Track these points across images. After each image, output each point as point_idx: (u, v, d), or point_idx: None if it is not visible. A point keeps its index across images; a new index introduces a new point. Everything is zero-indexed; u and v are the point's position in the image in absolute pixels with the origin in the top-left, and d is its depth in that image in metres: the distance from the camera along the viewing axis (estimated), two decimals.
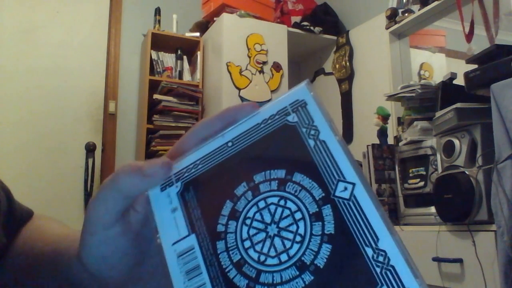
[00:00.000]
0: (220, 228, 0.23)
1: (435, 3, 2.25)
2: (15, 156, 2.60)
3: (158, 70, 2.83)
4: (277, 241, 0.22)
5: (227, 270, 0.22)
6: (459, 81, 1.69)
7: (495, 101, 1.31)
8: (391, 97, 2.11)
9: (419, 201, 1.79)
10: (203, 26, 2.99)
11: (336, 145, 0.22)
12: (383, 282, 0.19)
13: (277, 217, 0.23)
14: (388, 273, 0.19)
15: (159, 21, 2.92)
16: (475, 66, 1.53)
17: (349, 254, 0.20)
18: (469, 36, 1.99)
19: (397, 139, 2.10)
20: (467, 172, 1.46)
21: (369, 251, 0.20)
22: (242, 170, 0.24)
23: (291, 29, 2.95)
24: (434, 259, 1.50)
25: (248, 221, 0.23)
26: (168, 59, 2.89)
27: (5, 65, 2.67)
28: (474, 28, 1.99)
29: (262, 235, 0.22)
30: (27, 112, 2.68)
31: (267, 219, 0.23)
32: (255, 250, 0.22)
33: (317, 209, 0.22)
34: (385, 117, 2.28)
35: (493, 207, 1.29)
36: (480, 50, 1.58)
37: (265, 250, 0.22)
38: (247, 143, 0.25)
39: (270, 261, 0.22)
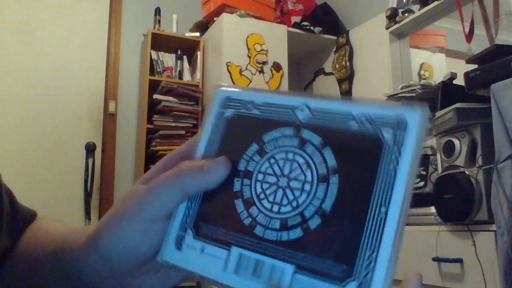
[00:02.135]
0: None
1: (435, 3, 2.25)
2: (15, 156, 2.60)
3: (158, 70, 2.83)
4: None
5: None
6: (459, 81, 1.69)
7: (495, 101, 1.31)
8: (391, 97, 2.11)
9: (419, 201, 1.79)
10: (203, 26, 2.99)
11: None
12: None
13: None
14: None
15: (159, 21, 2.92)
16: (475, 66, 1.53)
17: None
18: (469, 36, 1.99)
19: None
20: (467, 172, 1.46)
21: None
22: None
23: (291, 29, 2.95)
24: (434, 259, 1.50)
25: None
26: (168, 59, 2.89)
27: (5, 65, 2.67)
28: (474, 28, 1.99)
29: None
30: (27, 112, 2.68)
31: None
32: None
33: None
34: None
35: (493, 207, 1.29)
36: (480, 50, 1.58)
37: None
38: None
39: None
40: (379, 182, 0.22)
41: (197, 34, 2.95)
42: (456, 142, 1.55)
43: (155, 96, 2.67)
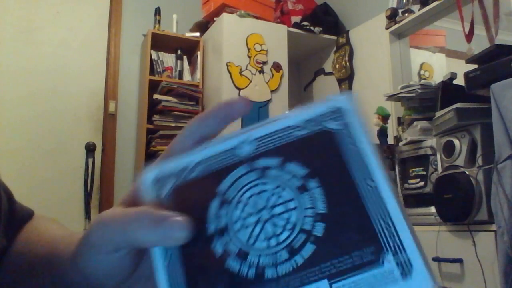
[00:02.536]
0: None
1: (435, 3, 2.25)
2: (15, 156, 2.60)
3: (158, 70, 2.83)
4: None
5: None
6: (459, 81, 1.69)
7: (495, 101, 1.31)
8: (391, 97, 2.11)
9: (419, 201, 1.79)
10: (203, 26, 2.99)
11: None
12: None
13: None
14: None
15: (159, 21, 2.92)
16: (475, 66, 1.53)
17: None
18: (469, 36, 1.99)
19: (397, 139, 2.10)
20: (467, 172, 1.46)
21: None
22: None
23: (291, 29, 2.95)
24: (434, 259, 1.50)
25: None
26: (168, 59, 2.89)
27: (5, 65, 2.68)
28: (474, 28, 1.99)
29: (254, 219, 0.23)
30: (27, 112, 2.68)
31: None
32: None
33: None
34: (385, 117, 2.28)
35: (493, 207, 1.29)
36: (480, 50, 1.58)
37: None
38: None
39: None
40: (351, 163, 0.22)
41: (197, 34, 2.95)
42: (456, 142, 1.55)
43: (155, 96, 2.67)
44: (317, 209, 0.22)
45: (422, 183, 1.78)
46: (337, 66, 3.05)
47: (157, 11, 2.95)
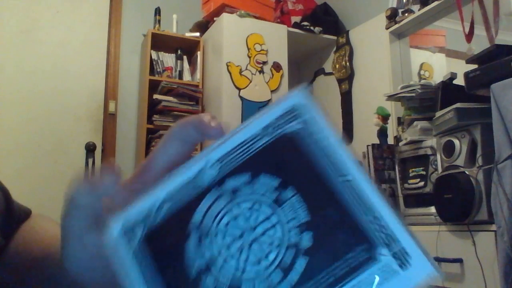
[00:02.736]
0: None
1: (435, 3, 2.25)
2: (15, 156, 2.60)
3: (158, 70, 2.83)
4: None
5: None
6: (459, 81, 1.69)
7: (495, 101, 1.31)
8: (391, 97, 2.11)
9: (419, 201, 1.79)
10: (203, 26, 2.99)
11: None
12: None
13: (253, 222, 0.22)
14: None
15: (159, 21, 2.92)
16: (475, 66, 1.53)
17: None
18: (469, 36, 1.99)
19: (397, 139, 2.10)
20: (467, 172, 1.46)
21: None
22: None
23: (291, 29, 2.95)
24: (434, 259, 1.49)
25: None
26: (168, 59, 2.89)
27: (5, 65, 2.68)
28: (474, 28, 1.99)
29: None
30: (27, 112, 2.68)
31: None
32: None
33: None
34: (385, 117, 2.28)
35: (493, 207, 1.29)
36: (480, 50, 1.58)
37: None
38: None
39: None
40: (321, 162, 0.22)
41: (197, 34, 2.95)
42: (456, 142, 1.55)
43: (155, 96, 2.67)
44: (300, 219, 0.21)
45: (422, 183, 1.78)
46: (337, 66, 3.05)
47: (157, 11, 2.95)
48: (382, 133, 2.24)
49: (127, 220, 0.24)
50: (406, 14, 2.46)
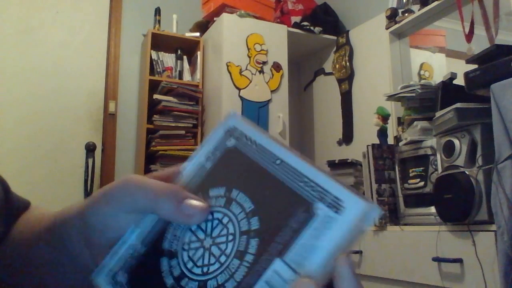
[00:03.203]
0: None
1: (435, 3, 2.25)
2: (15, 156, 2.60)
3: (158, 70, 2.83)
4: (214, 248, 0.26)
5: None
6: (459, 81, 1.69)
7: (495, 101, 1.31)
8: (391, 97, 2.11)
9: (419, 201, 1.79)
10: (203, 26, 2.99)
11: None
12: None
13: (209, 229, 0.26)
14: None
15: (159, 21, 2.92)
16: (475, 66, 1.52)
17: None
18: (469, 36, 1.99)
19: (397, 139, 2.10)
20: (467, 172, 1.46)
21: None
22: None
23: (291, 29, 2.95)
24: (434, 259, 1.50)
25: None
26: (168, 59, 2.89)
27: (5, 65, 2.67)
28: (474, 28, 1.99)
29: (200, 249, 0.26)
30: (27, 112, 2.68)
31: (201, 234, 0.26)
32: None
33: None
34: (385, 117, 2.28)
35: (493, 207, 1.29)
36: (480, 50, 1.58)
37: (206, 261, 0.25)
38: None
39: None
40: (258, 158, 0.26)
41: (197, 34, 2.95)
42: (456, 142, 1.55)
43: (155, 96, 2.67)
44: (246, 209, 0.25)
45: (422, 183, 1.78)
46: (337, 66, 3.05)
47: (157, 11, 2.94)
48: (382, 133, 2.23)
49: (109, 272, 0.28)
50: (406, 14, 2.46)
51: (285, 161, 0.25)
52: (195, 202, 0.27)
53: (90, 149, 2.77)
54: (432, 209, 1.64)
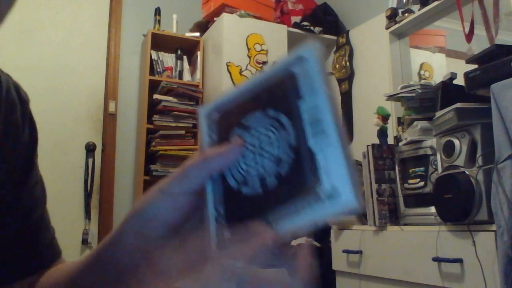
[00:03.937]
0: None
1: (435, 3, 2.25)
2: None
3: (158, 70, 2.83)
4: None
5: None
6: (459, 81, 1.69)
7: (495, 101, 1.31)
8: (391, 97, 2.11)
9: (419, 201, 1.79)
10: (203, 26, 2.99)
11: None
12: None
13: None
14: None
15: (159, 21, 2.92)
16: (475, 66, 1.52)
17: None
18: (469, 36, 1.99)
19: (397, 139, 2.10)
20: (467, 172, 1.46)
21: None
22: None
23: (291, 29, 2.95)
24: (434, 259, 1.50)
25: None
26: (168, 59, 2.89)
27: (5, 65, 2.65)
28: (474, 28, 1.99)
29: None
30: None
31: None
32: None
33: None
34: (385, 117, 2.27)
35: (493, 207, 1.29)
36: (480, 50, 1.58)
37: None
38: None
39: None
40: (309, 100, 0.28)
41: (197, 34, 2.95)
42: (456, 142, 1.55)
43: (155, 96, 2.67)
44: (274, 155, 0.29)
45: (422, 183, 1.78)
46: (337, 66, 3.05)
47: (157, 11, 2.95)
48: (382, 133, 2.23)
49: (209, 108, 0.34)
50: (406, 14, 2.46)
51: (326, 133, 0.27)
52: (229, 144, 0.31)
53: (90, 149, 2.77)
54: (432, 209, 1.64)
